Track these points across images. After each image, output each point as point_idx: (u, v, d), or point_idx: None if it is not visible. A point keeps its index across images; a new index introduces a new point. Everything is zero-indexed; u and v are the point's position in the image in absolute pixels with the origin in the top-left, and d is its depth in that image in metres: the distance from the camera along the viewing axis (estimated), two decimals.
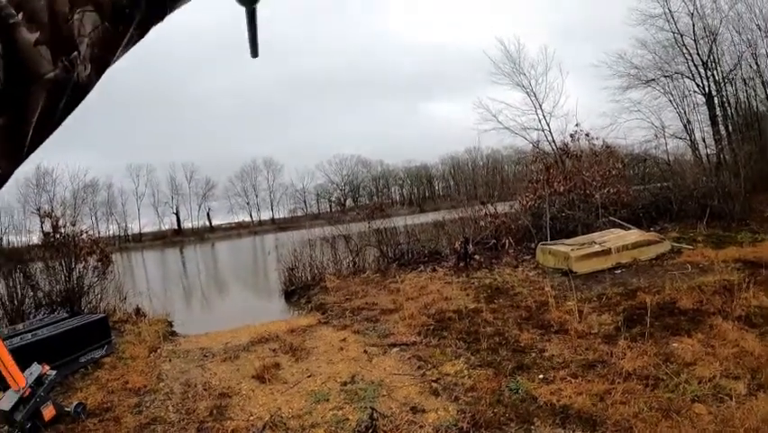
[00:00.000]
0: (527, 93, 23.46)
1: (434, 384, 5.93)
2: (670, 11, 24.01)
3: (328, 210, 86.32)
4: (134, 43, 0.72)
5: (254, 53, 1.05)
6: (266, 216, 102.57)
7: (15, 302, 12.32)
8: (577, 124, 19.50)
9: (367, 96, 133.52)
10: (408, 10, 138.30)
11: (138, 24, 0.69)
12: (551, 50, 28.87)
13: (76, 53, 0.61)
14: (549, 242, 13.70)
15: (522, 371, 5.95)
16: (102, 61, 0.66)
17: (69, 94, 0.62)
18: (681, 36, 24.19)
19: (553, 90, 23.15)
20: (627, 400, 4.65)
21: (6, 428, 5.72)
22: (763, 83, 24.04)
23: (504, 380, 5.69)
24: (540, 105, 23.07)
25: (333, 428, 5.12)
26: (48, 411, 5.73)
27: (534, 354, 6.48)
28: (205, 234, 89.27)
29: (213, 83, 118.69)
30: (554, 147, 21.76)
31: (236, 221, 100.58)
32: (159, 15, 0.72)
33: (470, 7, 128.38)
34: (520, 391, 5.32)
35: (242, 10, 0.95)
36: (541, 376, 5.71)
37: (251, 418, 5.64)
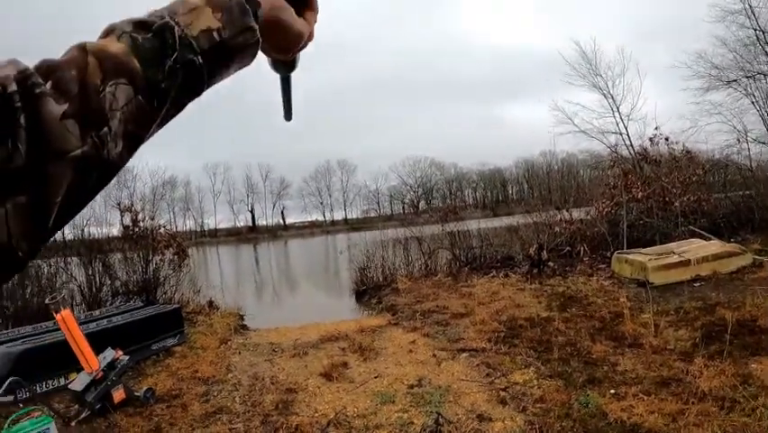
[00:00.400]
0: (604, 95, 22.87)
1: (502, 393, 5.92)
2: (750, 6, 22.89)
3: (401, 212, 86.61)
4: (170, 119, 0.70)
5: (288, 117, 1.07)
6: (339, 216, 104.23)
7: (94, 289, 12.98)
8: (656, 128, 18.92)
9: (440, 97, 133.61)
10: (483, 12, 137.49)
11: (173, 101, 0.67)
12: (628, 51, 28.13)
13: (106, 129, 0.59)
14: (625, 250, 13.43)
15: (593, 384, 5.87)
16: (135, 138, 0.63)
17: (99, 172, 0.60)
18: (764, 33, 23.08)
19: (630, 92, 22.47)
20: (701, 422, 4.53)
21: (77, 407, 6.03)
22: None
23: (574, 393, 5.62)
24: (617, 108, 22.46)
25: (397, 431, 5.18)
26: (118, 394, 6.01)
27: (606, 368, 6.38)
28: (279, 232, 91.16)
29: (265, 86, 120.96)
30: (632, 152, 21.17)
31: (309, 220, 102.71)
32: (196, 91, 0.70)
33: (545, 11, 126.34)
34: (590, 405, 5.26)
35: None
36: (612, 391, 5.61)
37: (316, 414, 5.75)
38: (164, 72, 0.64)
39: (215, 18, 0.69)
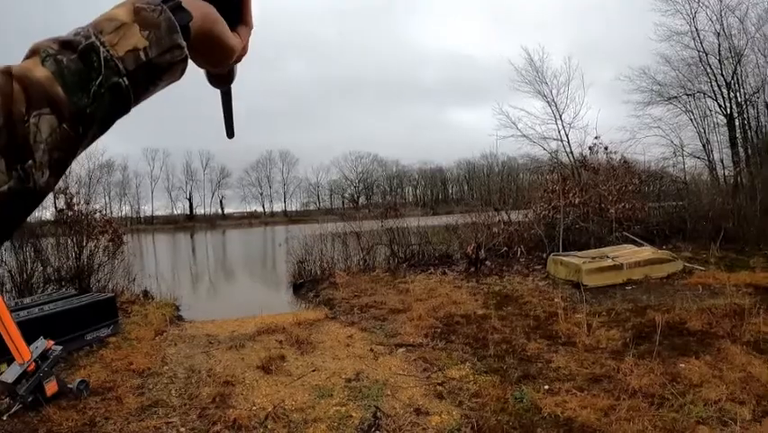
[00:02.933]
0: (548, 102, 23.38)
1: (439, 387, 5.95)
2: (696, 29, 23.80)
3: (341, 206, 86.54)
4: (95, 139, 0.68)
5: (230, 134, 1.04)
6: (278, 207, 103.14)
7: (24, 275, 12.43)
8: (596, 137, 19.46)
9: (389, 98, 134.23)
10: (439, 20, 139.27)
11: (100, 123, 0.65)
12: (574, 62, 28.79)
13: (31, 162, 0.57)
14: (561, 253, 13.68)
15: (528, 380, 5.96)
16: (60, 164, 0.62)
17: (25, 202, 0.59)
18: (706, 55, 23.98)
19: (573, 101, 23.01)
20: (632, 417, 4.64)
21: (8, 400, 5.79)
22: None
23: (509, 388, 5.69)
24: (560, 116, 22.98)
25: (335, 424, 5.14)
26: (50, 386, 5.78)
27: (540, 365, 6.48)
28: (217, 222, 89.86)
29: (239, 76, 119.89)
30: (572, 158, 21.71)
31: (248, 211, 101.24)
32: (123, 111, 0.68)
33: (500, 22, 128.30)
34: (525, 400, 5.33)
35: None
36: (546, 387, 5.71)
37: (254, 408, 5.66)
38: (89, 97, 0.62)
39: (142, 36, 0.66)
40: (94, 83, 0.62)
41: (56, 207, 14.09)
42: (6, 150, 0.55)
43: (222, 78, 0.91)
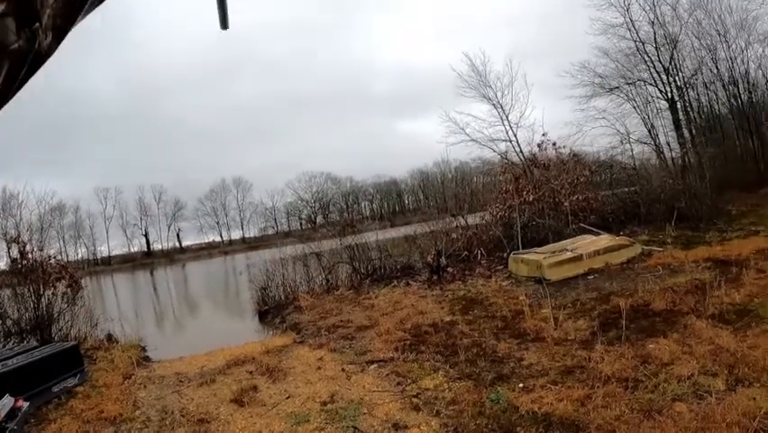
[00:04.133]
0: (494, 105, 23.64)
1: (415, 399, 5.88)
2: (631, 20, 24.61)
3: (299, 228, 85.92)
4: (93, 9, 0.71)
5: (224, 25, 1.01)
6: (236, 235, 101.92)
7: None
8: (544, 134, 19.73)
9: (337, 112, 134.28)
10: (382, 34, 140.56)
11: None
12: (515, 63, 29.20)
13: (38, 24, 0.60)
14: (521, 251, 13.78)
15: (502, 381, 5.93)
16: (62, 29, 0.65)
17: (30, 62, 0.62)
18: (643, 44, 24.77)
19: (518, 101, 23.27)
20: (608, 403, 4.64)
21: None
22: (723, 86, 24.79)
23: (484, 391, 5.66)
24: (506, 117, 23.24)
25: None
26: None
27: (512, 364, 6.47)
28: (176, 256, 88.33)
29: (183, 105, 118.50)
30: (522, 157, 21.94)
31: (207, 241, 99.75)
32: None
33: (442, 32, 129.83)
34: (501, 401, 5.29)
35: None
36: (521, 385, 5.69)
37: None
38: None
39: None
40: None
41: (9, 257, 13.69)
42: (17, 14, 0.58)
43: None
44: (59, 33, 0.64)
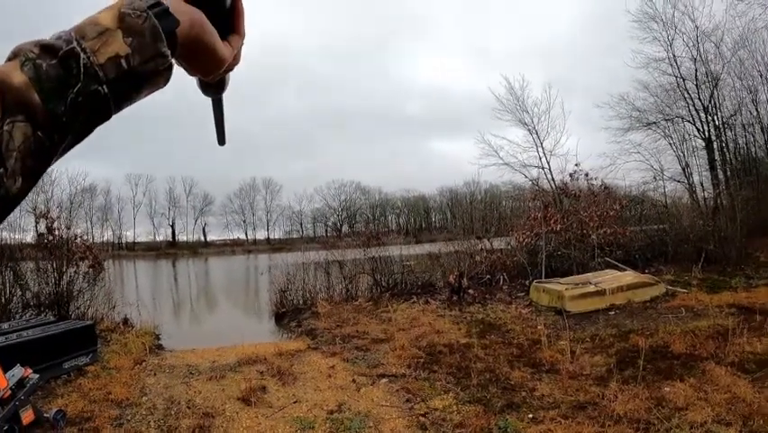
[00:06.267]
0: (529, 130, 23.58)
1: (422, 418, 5.85)
2: (673, 55, 24.37)
3: (324, 234, 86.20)
4: (74, 146, 0.67)
5: (221, 141, 1.02)
6: (261, 235, 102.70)
7: (3, 300, 12.22)
8: (577, 164, 19.61)
9: (372, 130, 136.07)
10: (422, 58, 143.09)
11: (77, 132, 0.64)
12: (554, 91, 29.19)
13: (2, 169, 0.57)
14: (543, 280, 13.69)
15: (511, 409, 5.88)
16: (34, 172, 0.61)
17: None
18: (684, 80, 24.49)
19: (554, 129, 23.19)
20: None
21: None
22: (762, 129, 24.46)
23: (493, 418, 5.61)
24: (541, 143, 23.16)
25: None
26: (27, 415, 5.62)
27: (524, 393, 6.41)
28: (199, 249, 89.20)
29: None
30: (553, 185, 21.81)
31: (231, 238, 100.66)
32: (102, 119, 0.66)
33: (478, 58, 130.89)
34: (509, 429, 5.25)
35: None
36: (531, 416, 5.64)
37: None
38: (66, 105, 0.61)
39: (125, 43, 0.64)
40: (72, 90, 0.60)
41: (36, 231, 13.92)
42: None
43: (213, 87, 0.89)
44: (31, 176, 0.61)
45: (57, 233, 13.73)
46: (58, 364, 7.89)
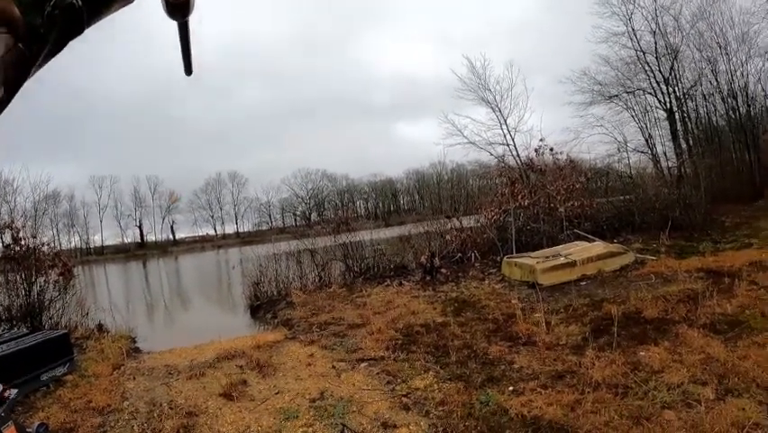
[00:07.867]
0: (492, 108, 23.73)
1: (404, 399, 5.87)
2: (633, 29, 24.73)
3: (293, 224, 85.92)
4: (49, 59, 0.69)
5: (188, 71, 1.00)
6: (230, 229, 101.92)
7: None
8: (541, 139, 19.79)
9: (337, 118, 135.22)
10: (385, 44, 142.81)
11: (54, 42, 0.67)
12: (515, 69, 29.27)
13: None
14: (515, 255, 13.81)
15: (492, 383, 5.93)
16: (15, 82, 0.64)
17: None
18: (644, 54, 24.88)
19: (517, 106, 23.40)
20: (598, 409, 4.65)
21: None
22: (722, 99, 24.94)
23: (474, 393, 5.65)
24: (505, 121, 23.33)
25: None
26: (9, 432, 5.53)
27: (503, 367, 6.47)
28: (169, 248, 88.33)
29: (187, 102, 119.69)
30: (519, 162, 21.98)
31: (200, 234, 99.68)
32: (76, 31, 0.68)
33: (440, 42, 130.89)
34: (491, 403, 5.29)
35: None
36: (511, 388, 5.69)
37: None
38: (43, 17, 0.63)
39: None
40: (49, 3, 0.63)
41: (2, 243, 13.63)
42: None
43: (178, 8, 0.87)
44: (12, 86, 0.63)
45: (23, 243, 13.40)
46: (35, 377, 7.75)
